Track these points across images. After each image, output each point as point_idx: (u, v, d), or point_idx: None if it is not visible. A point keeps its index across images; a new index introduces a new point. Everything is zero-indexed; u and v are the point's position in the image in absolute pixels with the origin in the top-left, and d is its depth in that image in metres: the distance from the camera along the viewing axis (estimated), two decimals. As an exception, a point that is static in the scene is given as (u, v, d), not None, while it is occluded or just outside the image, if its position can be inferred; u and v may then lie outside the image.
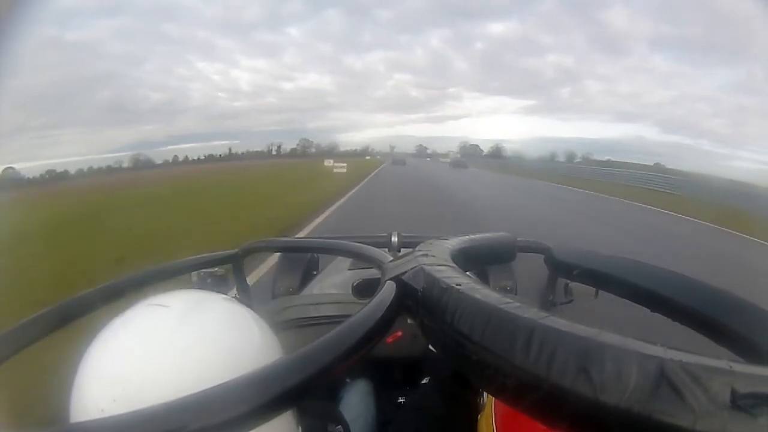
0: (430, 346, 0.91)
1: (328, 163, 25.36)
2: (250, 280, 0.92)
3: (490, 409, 0.58)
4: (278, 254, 1.46)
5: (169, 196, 13.77)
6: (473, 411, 0.68)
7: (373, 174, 23.50)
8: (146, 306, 0.43)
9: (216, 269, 0.82)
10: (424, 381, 0.91)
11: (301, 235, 6.21)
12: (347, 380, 0.95)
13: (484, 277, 1.31)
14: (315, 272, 1.59)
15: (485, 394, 0.65)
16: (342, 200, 10.94)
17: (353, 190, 13.71)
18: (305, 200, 10.51)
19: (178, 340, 0.39)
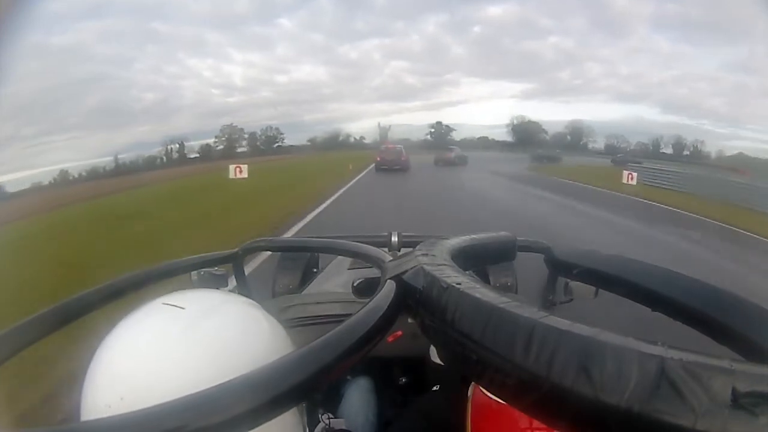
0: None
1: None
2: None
3: (469, 402, 0.57)
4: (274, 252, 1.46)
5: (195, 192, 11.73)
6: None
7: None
8: (161, 305, 0.43)
9: (216, 268, 0.82)
10: (434, 388, 0.91)
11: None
12: (348, 378, 0.95)
13: (484, 276, 1.31)
14: (315, 270, 1.59)
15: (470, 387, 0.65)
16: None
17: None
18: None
19: (191, 342, 0.39)
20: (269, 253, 1.79)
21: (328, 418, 0.63)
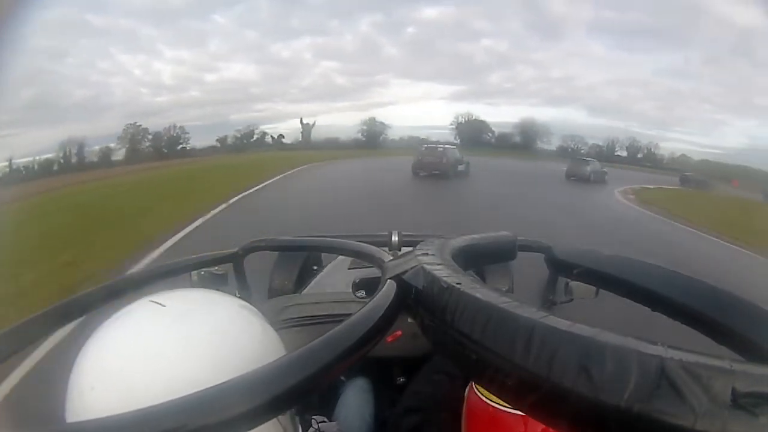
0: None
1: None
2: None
3: (464, 402, 0.57)
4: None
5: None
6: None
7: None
8: (145, 303, 0.43)
9: (216, 268, 0.82)
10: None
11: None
12: (346, 378, 0.95)
13: (481, 277, 1.31)
14: (316, 267, 1.59)
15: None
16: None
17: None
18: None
19: (174, 339, 0.39)
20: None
21: (318, 423, 0.62)
